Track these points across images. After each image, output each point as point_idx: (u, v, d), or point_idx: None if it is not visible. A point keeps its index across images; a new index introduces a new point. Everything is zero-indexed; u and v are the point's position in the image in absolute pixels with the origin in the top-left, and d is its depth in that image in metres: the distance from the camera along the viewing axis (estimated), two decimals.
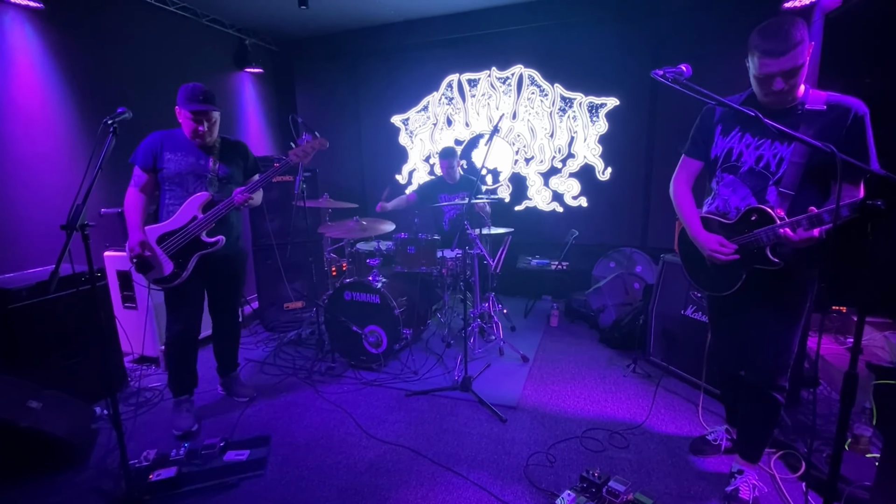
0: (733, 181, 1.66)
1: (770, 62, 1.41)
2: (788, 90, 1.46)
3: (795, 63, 1.39)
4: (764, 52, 1.42)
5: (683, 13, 3.77)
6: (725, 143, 1.68)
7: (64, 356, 2.52)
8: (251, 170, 2.56)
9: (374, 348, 3.01)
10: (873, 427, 2.02)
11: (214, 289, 2.52)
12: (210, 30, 4.12)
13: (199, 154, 2.31)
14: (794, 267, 1.57)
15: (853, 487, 1.74)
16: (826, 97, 1.49)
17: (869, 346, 2.79)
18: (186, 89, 2.22)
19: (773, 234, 1.49)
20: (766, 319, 1.67)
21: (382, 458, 2.15)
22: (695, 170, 1.81)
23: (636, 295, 3.66)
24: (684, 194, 1.81)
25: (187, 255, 2.27)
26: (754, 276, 1.62)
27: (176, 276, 2.26)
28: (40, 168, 2.89)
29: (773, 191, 1.56)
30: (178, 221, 2.25)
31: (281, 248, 3.61)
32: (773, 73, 1.43)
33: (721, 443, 2.11)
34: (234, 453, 2.13)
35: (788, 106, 1.52)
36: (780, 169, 1.54)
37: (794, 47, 1.38)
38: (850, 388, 1.05)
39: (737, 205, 1.65)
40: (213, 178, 2.33)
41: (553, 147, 4.42)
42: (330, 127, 5.06)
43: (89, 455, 2.17)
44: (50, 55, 2.94)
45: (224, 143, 2.42)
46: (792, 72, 1.41)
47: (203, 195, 2.27)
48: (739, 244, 1.61)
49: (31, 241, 2.82)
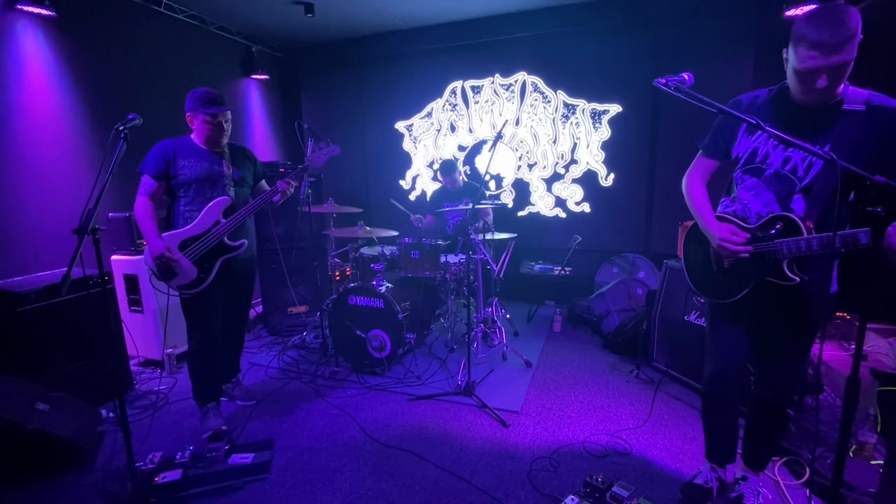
0: (756, 185, 1.51)
1: (818, 56, 1.22)
2: (832, 88, 1.28)
3: (847, 58, 1.22)
4: (813, 44, 1.22)
5: (685, 20, 3.80)
6: (750, 143, 1.52)
7: (71, 359, 2.54)
8: (259, 174, 2.58)
9: (378, 353, 3.02)
10: (877, 434, 2.01)
11: (231, 294, 2.51)
12: (218, 37, 4.18)
13: (212, 159, 2.32)
14: (812, 287, 1.44)
15: (857, 494, 1.73)
16: (867, 96, 1.33)
17: (873, 352, 2.79)
18: (200, 94, 2.24)
19: (796, 246, 1.36)
20: (783, 337, 1.58)
21: (386, 462, 2.15)
22: (709, 168, 1.67)
23: (639, 301, 3.67)
24: (697, 186, 1.67)
25: (212, 260, 2.27)
26: (772, 291, 1.49)
27: (201, 281, 2.26)
28: (51, 174, 2.94)
29: (800, 199, 1.42)
30: (201, 226, 2.25)
31: (286, 252, 3.64)
32: (820, 67, 1.23)
33: (712, 485, 1.81)
34: (239, 457, 2.15)
35: (831, 103, 1.34)
36: (808, 174, 1.40)
37: (849, 41, 1.20)
38: (853, 393, 1.05)
39: (758, 210, 1.51)
40: (230, 182, 2.35)
41: (556, 153, 4.45)
42: (335, 133, 5.11)
43: (95, 457, 2.19)
44: (61, 62, 2.99)
45: (231, 147, 2.45)
46: (841, 68, 1.23)
47: (224, 199, 2.29)
48: (756, 251, 1.47)
49: (39, 245, 2.85)
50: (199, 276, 2.25)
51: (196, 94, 2.24)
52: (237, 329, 2.67)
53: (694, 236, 1.72)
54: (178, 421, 2.56)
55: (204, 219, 2.25)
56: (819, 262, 1.42)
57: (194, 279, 2.25)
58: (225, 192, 2.32)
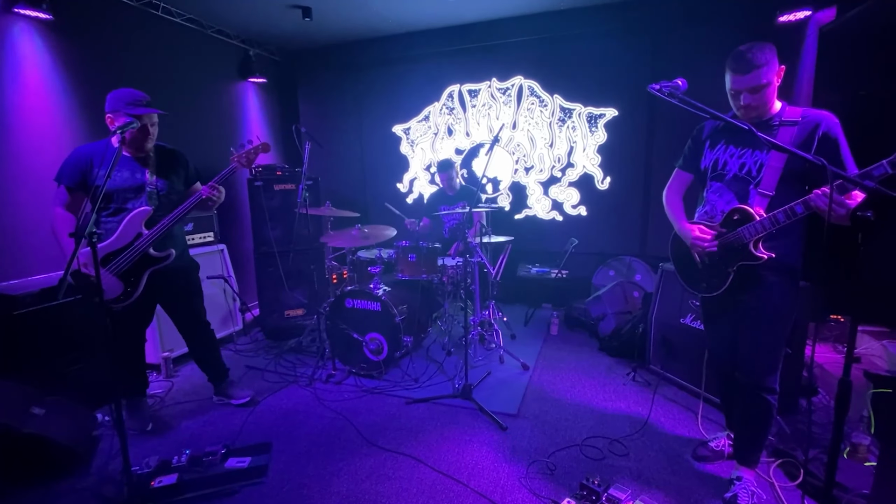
0: (720, 188, 1.81)
1: (737, 79, 1.63)
2: (756, 105, 1.64)
3: (759, 82, 1.59)
4: (732, 70, 1.64)
5: (681, 26, 3.83)
6: (713, 155, 1.84)
7: (67, 362, 2.53)
8: (192, 178, 2.45)
9: (375, 356, 3.03)
10: (871, 435, 2.03)
11: (172, 304, 2.46)
12: (215, 40, 4.18)
13: (133, 167, 2.20)
14: (780, 262, 1.68)
15: (851, 495, 1.74)
16: (801, 112, 1.66)
17: (867, 354, 2.81)
18: (125, 93, 2.11)
19: (753, 229, 1.65)
20: (754, 318, 1.77)
21: (383, 465, 2.15)
22: (685, 181, 2.00)
23: (635, 303, 3.68)
24: (673, 198, 2.00)
25: (138, 273, 2.19)
26: (743, 276, 1.73)
27: (128, 296, 2.18)
28: (48, 177, 2.92)
29: (754, 192, 1.70)
30: (122, 240, 2.14)
31: (283, 255, 3.64)
32: (739, 89, 1.64)
33: (724, 448, 2.13)
34: (236, 460, 2.14)
35: (765, 119, 1.69)
36: (760, 173, 1.69)
37: (757, 68, 1.58)
38: (845, 394, 1.07)
39: (722, 208, 1.79)
40: (153, 191, 2.22)
41: (552, 157, 4.47)
42: (332, 136, 5.12)
43: (91, 461, 2.18)
44: (58, 66, 2.99)
45: (160, 152, 2.31)
46: (755, 89, 1.61)
47: (145, 210, 2.18)
48: (725, 242, 1.74)
49: (36, 248, 2.84)
50: (125, 290, 2.17)
51: (119, 93, 2.12)
52: (199, 334, 2.62)
53: (677, 241, 1.98)
54: (175, 424, 2.55)
55: (124, 232, 2.14)
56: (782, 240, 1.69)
57: (121, 294, 2.17)
58: (147, 202, 2.20)
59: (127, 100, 2.12)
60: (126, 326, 2.33)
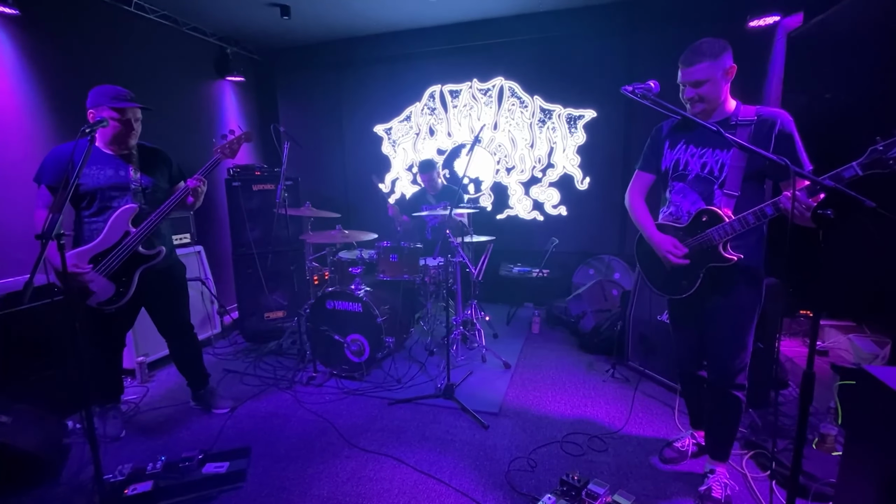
0: (683, 188, 1.79)
1: (681, 71, 1.67)
2: (698, 100, 1.66)
3: (700, 77, 1.61)
4: (680, 62, 1.68)
5: (657, 29, 3.91)
6: (673, 156, 1.82)
7: (37, 369, 2.45)
8: (176, 177, 2.41)
9: (357, 357, 3.01)
10: (839, 426, 2.10)
11: (158, 305, 2.40)
12: (191, 38, 4.10)
13: (117, 164, 2.15)
14: (747, 264, 1.68)
15: (819, 484, 1.81)
16: (756, 110, 1.65)
17: (834, 348, 2.92)
18: (108, 89, 2.07)
19: (723, 230, 1.64)
20: (722, 319, 1.77)
21: (364, 466, 2.14)
22: (647, 182, 1.96)
23: (614, 301, 3.74)
24: (637, 202, 1.96)
25: (129, 273, 2.14)
26: (710, 277, 1.73)
27: (121, 297, 2.13)
28: (14, 176, 2.83)
29: (719, 193, 1.69)
30: (110, 240, 2.09)
31: (262, 257, 3.58)
32: (685, 81, 1.67)
33: (688, 448, 2.14)
34: (214, 466, 2.10)
35: (720, 119, 1.69)
36: (722, 173, 1.68)
37: (699, 62, 1.61)
38: (808, 386, 1.11)
39: (688, 209, 1.78)
40: (138, 189, 2.18)
41: (533, 157, 4.51)
42: (312, 136, 5.07)
43: (61, 470, 2.11)
44: (26, 62, 2.89)
45: (142, 149, 2.27)
46: (697, 83, 1.63)
47: (131, 207, 2.13)
48: (694, 244, 1.73)
49: (2, 250, 2.74)
50: (118, 290, 2.12)
51: (102, 88, 2.07)
52: (182, 337, 2.56)
53: (643, 244, 1.94)
54: (150, 430, 2.49)
55: (111, 231, 2.10)
56: (747, 241, 1.68)
57: (113, 295, 2.12)
58: (133, 200, 2.16)
59: (111, 94, 2.07)
60: (110, 329, 2.29)
